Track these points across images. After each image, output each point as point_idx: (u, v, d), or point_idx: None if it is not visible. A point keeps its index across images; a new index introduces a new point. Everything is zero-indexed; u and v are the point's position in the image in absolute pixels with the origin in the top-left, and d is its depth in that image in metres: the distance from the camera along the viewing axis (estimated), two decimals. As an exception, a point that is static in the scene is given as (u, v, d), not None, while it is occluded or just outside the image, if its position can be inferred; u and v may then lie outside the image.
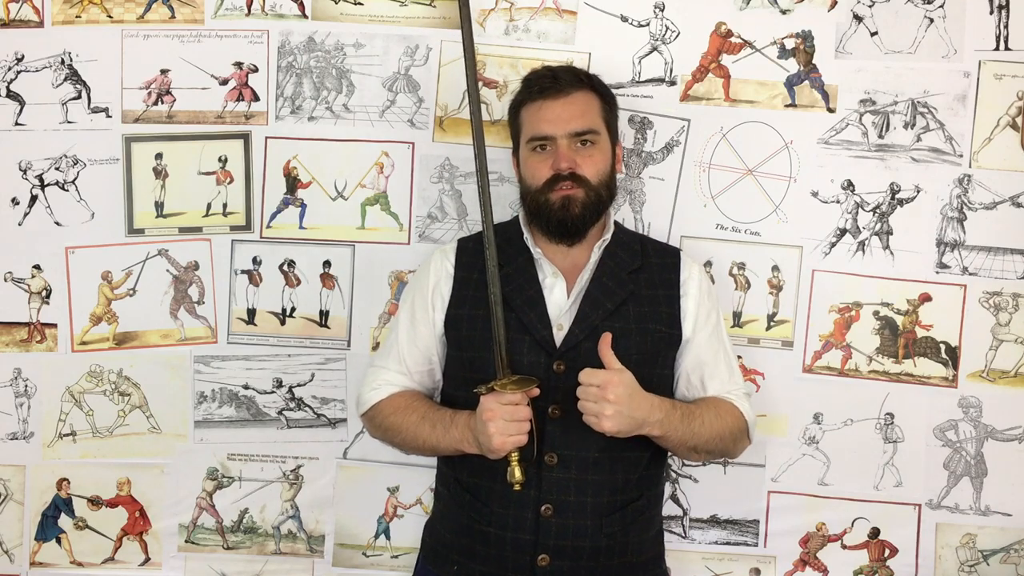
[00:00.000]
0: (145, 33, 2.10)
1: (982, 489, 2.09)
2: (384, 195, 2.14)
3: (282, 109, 2.12)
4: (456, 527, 1.80)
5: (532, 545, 1.70)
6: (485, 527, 1.73)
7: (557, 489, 1.70)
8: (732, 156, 2.09)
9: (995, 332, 2.08)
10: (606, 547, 1.71)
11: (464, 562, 1.77)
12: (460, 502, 1.79)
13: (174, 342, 2.15)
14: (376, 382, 1.88)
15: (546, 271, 1.80)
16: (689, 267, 1.86)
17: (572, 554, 1.70)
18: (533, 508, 1.70)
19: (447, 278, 1.84)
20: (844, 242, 2.09)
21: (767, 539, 2.14)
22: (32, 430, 2.15)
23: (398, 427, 1.81)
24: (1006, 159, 2.06)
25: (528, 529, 1.70)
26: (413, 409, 1.80)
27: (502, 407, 1.62)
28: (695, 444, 1.73)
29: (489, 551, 1.73)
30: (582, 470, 1.71)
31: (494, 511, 1.72)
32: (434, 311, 1.84)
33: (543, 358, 1.73)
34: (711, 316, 1.84)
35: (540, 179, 1.77)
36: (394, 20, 2.11)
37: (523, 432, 1.63)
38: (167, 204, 2.13)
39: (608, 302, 1.76)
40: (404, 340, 1.86)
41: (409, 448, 1.83)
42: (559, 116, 1.77)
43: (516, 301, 1.76)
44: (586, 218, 1.77)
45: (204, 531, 2.19)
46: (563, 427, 1.69)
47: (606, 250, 1.82)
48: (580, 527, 1.70)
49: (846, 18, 2.06)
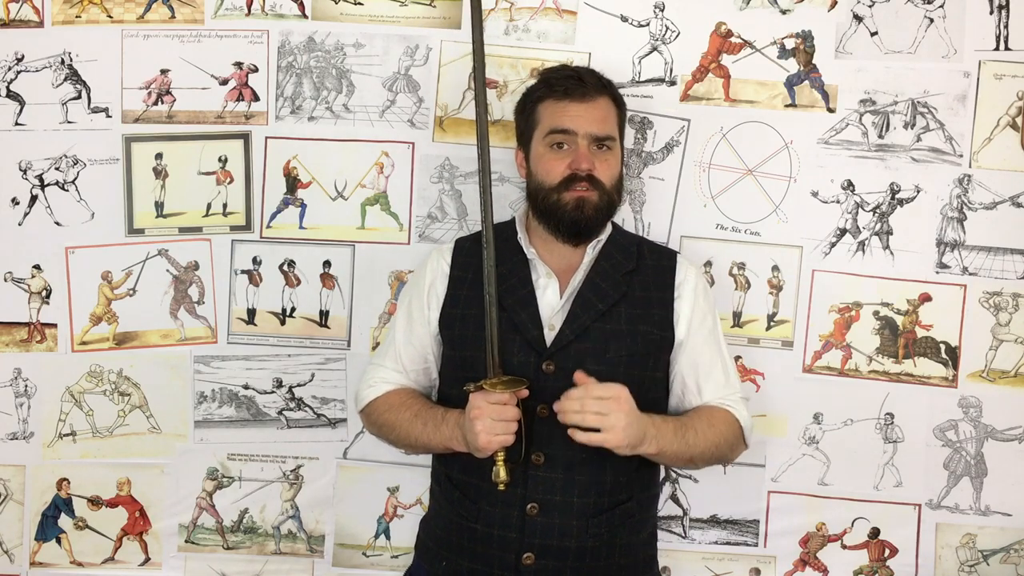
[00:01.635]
0: (145, 33, 2.10)
1: (982, 489, 2.09)
2: (384, 195, 2.14)
3: (282, 109, 2.12)
4: (446, 524, 1.81)
5: (517, 543, 1.70)
6: (473, 524, 1.73)
7: (543, 488, 1.70)
8: (732, 156, 2.09)
9: (995, 332, 2.08)
10: (592, 548, 1.71)
11: (453, 558, 1.78)
12: (450, 499, 1.79)
13: (174, 342, 2.15)
14: (373, 379, 1.89)
15: (540, 272, 1.80)
16: (685, 269, 1.85)
17: (557, 553, 1.69)
18: (519, 506, 1.70)
19: (443, 277, 1.85)
20: (844, 242, 2.08)
21: (767, 539, 2.13)
22: (32, 430, 2.15)
23: (392, 424, 1.82)
24: (1006, 159, 2.06)
25: (514, 527, 1.70)
26: (407, 406, 1.81)
27: (490, 406, 1.63)
28: (691, 456, 1.73)
29: (476, 548, 1.73)
30: (569, 470, 1.70)
31: (482, 508, 1.73)
32: (429, 310, 1.84)
33: (533, 358, 1.73)
34: (706, 319, 1.83)
35: (556, 177, 1.76)
36: (394, 20, 2.11)
37: (509, 432, 1.63)
38: (167, 204, 2.13)
39: (600, 303, 1.76)
40: (401, 339, 1.88)
41: (402, 445, 1.84)
42: (582, 117, 1.77)
43: (508, 301, 1.76)
44: (597, 221, 1.78)
45: (204, 531, 2.19)
46: (551, 426, 1.68)
47: (601, 251, 1.82)
48: (566, 527, 1.69)
49: (846, 18, 2.06)
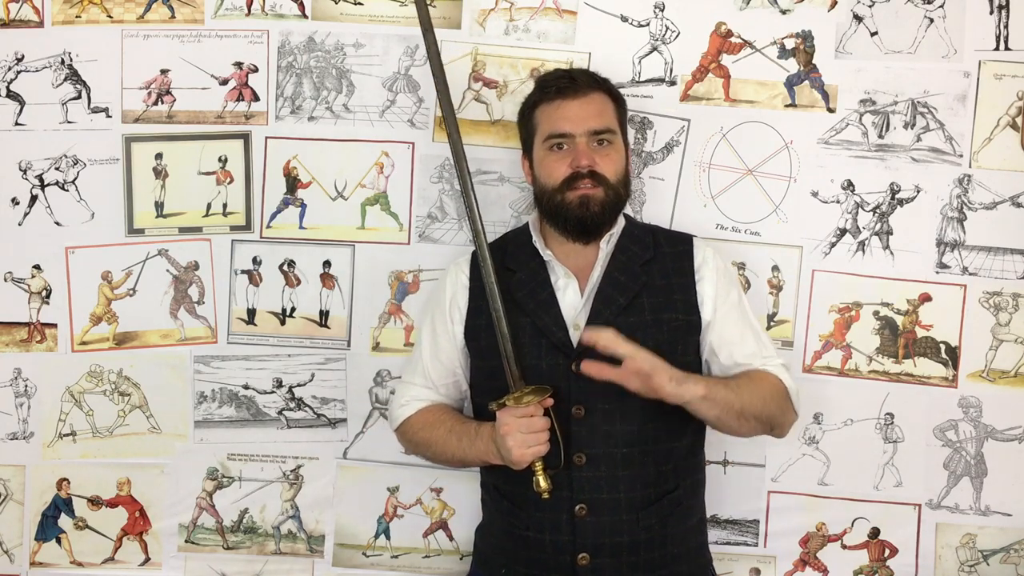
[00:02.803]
0: (145, 33, 2.10)
1: (982, 489, 2.09)
2: (384, 195, 2.13)
3: (282, 109, 2.12)
4: (500, 532, 1.82)
5: (571, 545, 1.70)
6: (524, 531, 1.75)
7: (589, 488, 1.70)
8: (732, 156, 2.09)
9: (995, 332, 2.08)
10: (645, 540, 1.71)
11: (511, 565, 1.79)
12: (500, 508, 1.81)
13: (174, 342, 2.15)
14: (404, 398, 1.90)
15: (558, 273, 1.80)
16: (703, 251, 1.84)
17: (611, 551, 1.70)
18: (567, 509, 1.70)
19: (463, 290, 1.85)
20: (844, 242, 2.08)
21: (767, 539, 2.13)
22: (32, 430, 2.15)
23: (428, 442, 1.83)
24: (1006, 159, 2.06)
25: (565, 530, 1.70)
26: (440, 423, 1.82)
27: (517, 420, 1.63)
28: (741, 407, 1.67)
29: (531, 554, 1.74)
30: (612, 467, 1.70)
31: (531, 515, 1.73)
32: (453, 324, 1.85)
33: (561, 360, 1.72)
34: (731, 294, 1.81)
35: (558, 178, 1.76)
36: (394, 20, 2.10)
37: (541, 442, 1.64)
38: (167, 204, 2.13)
39: (621, 297, 1.75)
40: (427, 355, 1.88)
41: (441, 461, 1.85)
42: (577, 115, 1.77)
43: (530, 305, 1.76)
44: (604, 216, 1.77)
45: (204, 531, 2.19)
46: (589, 426, 1.70)
47: (617, 245, 1.82)
48: (616, 523, 1.70)
49: (846, 18, 2.06)
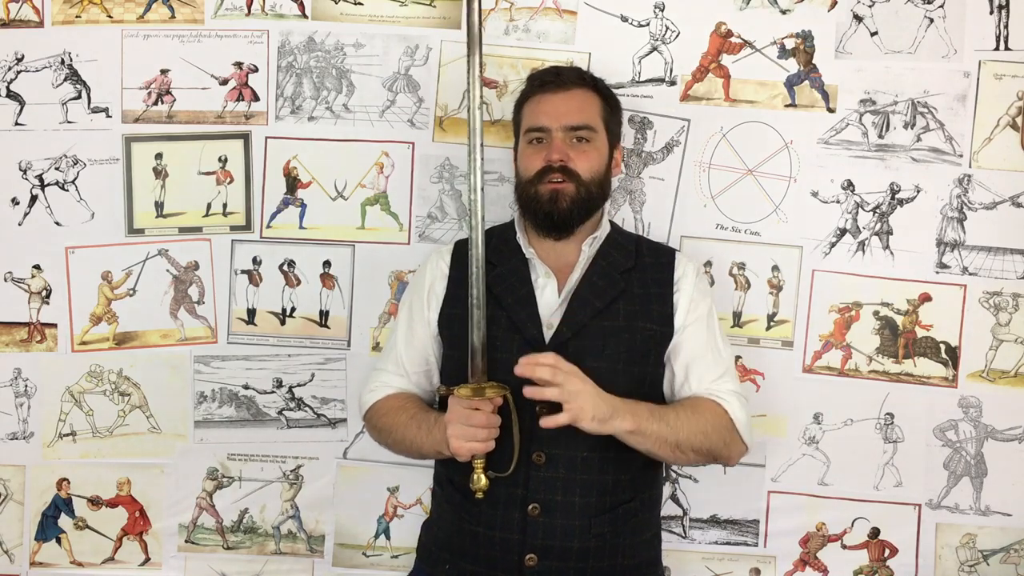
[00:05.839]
0: (145, 33, 2.10)
1: (982, 489, 2.09)
2: (384, 195, 2.14)
3: (282, 109, 2.12)
4: (448, 526, 1.80)
5: (520, 545, 1.68)
6: (474, 527, 1.72)
7: (544, 488, 1.68)
8: (732, 156, 2.09)
9: (995, 332, 2.08)
10: (595, 548, 1.69)
11: (455, 561, 1.77)
12: (452, 501, 1.79)
13: (174, 342, 2.15)
14: (374, 384, 1.89)
15: (539, 271, 1.80)
16: (684, 265, 1.84)
17: (560, 554, 1.68)
18: (520, 508, 1.68)
19: (442, 278, 1.85)
20: (844, 242, 2.08)
21: (767, 539, 2.13)
22: (32, 430, 2.15)
23: (390, 428, 1.81)
24: (1006, 159, 2.06)
25: (515, 529, 1.69)
26: (404, 410, 1.80)
27: (462, 411, 1.61)
28: (677, 441, 1.65)
29: (478, 551, 1.72)
30: (571, 469, 1.69)
31: (483, 511, 1.71)
32: (429, 310, 1.84)
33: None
34: (699, 308, 1.79)
35: (532, 170, 1.78)
36: (394, 20, 2.11)
37: (480, 439, 1.60)
38: (167, 204, 2.13)
39: (597, 300, 1.75)
40: (401, 342, 1.87)
41: (400, 449, 1.82)
42: (556, 109, 1.78)
43: (507, 300, 1.76)
44: (574, 213, 1.76)
45: (204, 531, 2.19)
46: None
47: (599, 250, 1.82)
48: (568, 527, 1.68)
49: (846, 18, 2.06)
